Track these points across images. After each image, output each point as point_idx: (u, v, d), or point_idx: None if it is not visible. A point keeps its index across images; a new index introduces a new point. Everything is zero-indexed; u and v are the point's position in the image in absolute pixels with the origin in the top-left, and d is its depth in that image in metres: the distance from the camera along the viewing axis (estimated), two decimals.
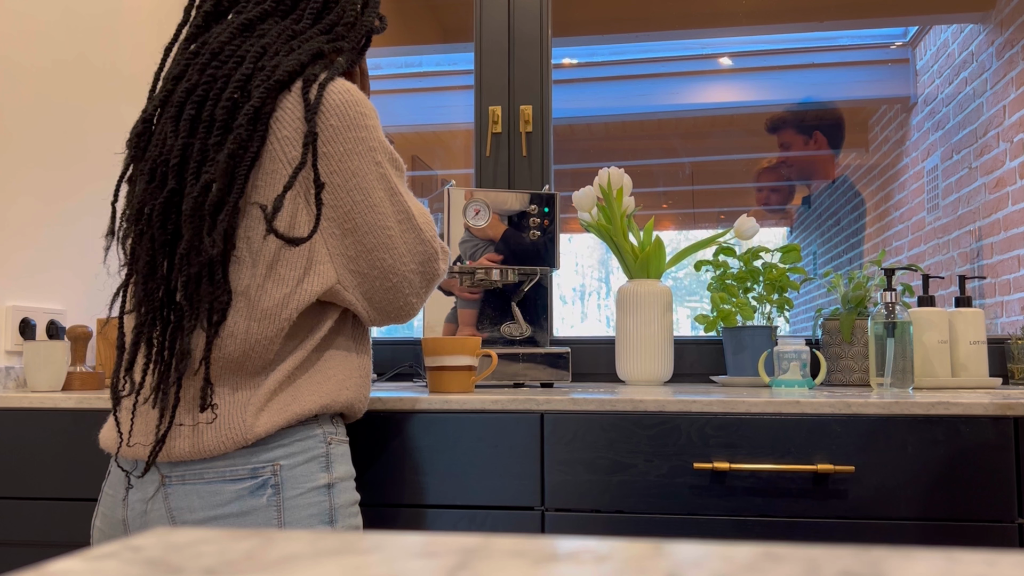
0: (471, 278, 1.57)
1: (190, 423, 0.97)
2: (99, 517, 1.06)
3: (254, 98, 0.94)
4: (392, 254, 1.00)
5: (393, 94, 3.09)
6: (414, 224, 1.02)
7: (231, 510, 0.97)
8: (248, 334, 0.96)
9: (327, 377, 1.04)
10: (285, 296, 0.97)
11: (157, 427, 0.95)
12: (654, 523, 1.23)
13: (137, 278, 0.97)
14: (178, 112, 0.96)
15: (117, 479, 1.04)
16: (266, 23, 1.01)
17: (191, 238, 0.92)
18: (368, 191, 0.99)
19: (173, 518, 0.97)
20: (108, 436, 1.05)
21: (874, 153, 3.16)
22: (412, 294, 1.04)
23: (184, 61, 1.00)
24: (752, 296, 1.73)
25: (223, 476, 0.97)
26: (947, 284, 2.43)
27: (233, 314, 0.96)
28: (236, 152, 0.93)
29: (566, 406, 1.26)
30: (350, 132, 0.98)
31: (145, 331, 0.96)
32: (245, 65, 0.97)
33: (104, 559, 0.32)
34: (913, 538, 1.19)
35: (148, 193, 0.96)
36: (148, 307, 0.96)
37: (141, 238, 0.96)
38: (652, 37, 2.83)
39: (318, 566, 0.30)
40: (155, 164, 0.96)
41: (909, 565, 0.30)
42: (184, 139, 0.94)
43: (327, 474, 1.03)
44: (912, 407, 1.21)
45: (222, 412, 0.97)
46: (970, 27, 2.49)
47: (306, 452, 1.02)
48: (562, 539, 0.34)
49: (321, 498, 1.02)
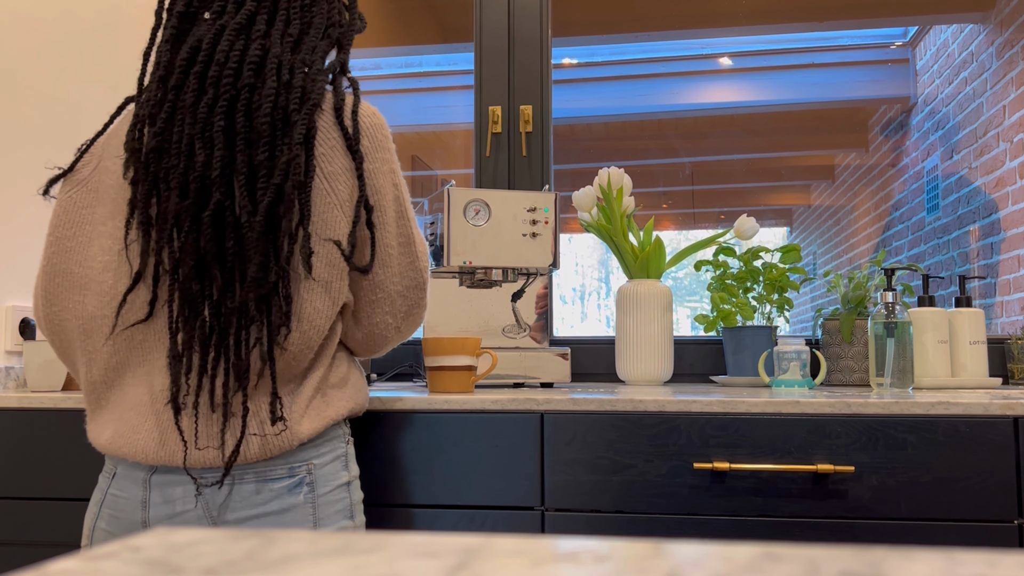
0: (471, 278, 1.57)
1: (259, 433, 1.00)
2: (104, 519, 1.04)
3: (299, 123, 0.97)
4: (386, 271, 1.05)
5: (393, 94, 3.09)
6: (413, 250, 1.07)
7: (272, 508, 1.01)
8: (293, 344, 1.00)
9: (349, 382, 1.10)
10: (322, 303, 1.01)
11: (221, 433, 0.98)
12: (654, 523, 1.23)
13: (177, 287, 0.97)
14: (204, 125, 0.96)
15: (131, 481, 1.03)
16: (256, 26, 1.01)
17: (262, 260, 0.94)
18: (384, 208, 1.04)
19: (213, 518, 1.00)
20: (120, 438, 1.03)
21: (874, 153, 3.16)
22: (391, 314, 1.07)
23: (179, 67, 0.99)
24: (752, 296, 1.73)
25: (263, 476, 1.01)
26: (947, 284, 2.43)
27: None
28: (294, 176, 0.95)
29: (566, 406, 1.26)
30: (378, 153, 1.04)
31: (198, 340, 0.97)
32: (268, 79, 0.97)
33: (104, 559, 0.32)
34: (913, 538, 1.19)
35: (183, 207, 0.95)
36: (196, 316, 0.97)
37: (183, 249, 0.96)
38: (652, 37, 2.83)
39: (318, 566, 0.30)
40: (184, 177, 0.96)
41: (909, 565, 0.30)
42: (221, 151, 0.95)
43: (347, 472, 1.09)
44: (912, 407, 1.21)
45: (266, 419, 1.00)
46: (970, 27, 2.49)
47: (333, 451, 1.07)
48: (562, 539, 0.34)
49: (344, 495, 1.07)
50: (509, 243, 1.52)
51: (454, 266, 1.51)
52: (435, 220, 1.55)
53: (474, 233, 1.51)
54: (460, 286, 1.61)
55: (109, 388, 1.05)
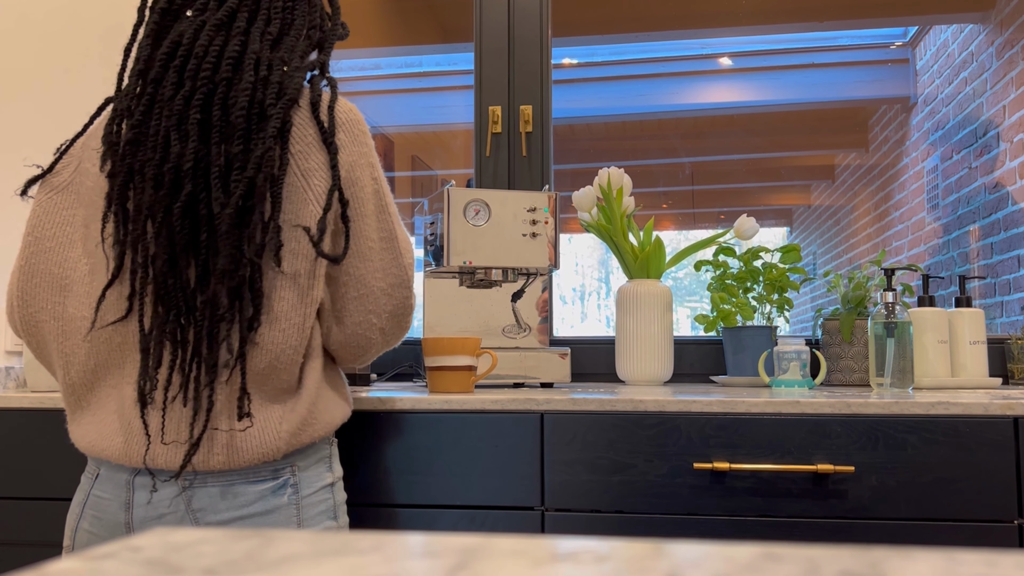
0: (471, 278, 1.57)
1: (225, 428, 0.99)
2: (87, 520, 1.04)
3: (274, 116, 0.97)
4: (367, 265, 1.03)
5: (393, 94, 3.09)
6: (395, 247, 1.06)
7: (256, 509, 1.01)
8: (273, 343, 0.99)
9: (339, 391, 1.11)
10: (294, 298, 1.00)
11: (190, 428, 0.96)
12: (654, 523, 1.23)
13: (152, 280, 0.97)
14: (180, 117, 0.96)
15: (114, 482, 1.02)
16: (237, 23, 1.01)
17: (232, 252, 0.94)
18: (363, 200, 1.03)
19: (196, 519, 0.99)
20: (103, 440, 1.02)
21: (874, 153, 3.16)
22: (374, 313, 1.05)
23: (159, 61, 0.99)
24: (752, 296, 1.73)
25: (247, 479, 1.01)
26: (947, 284, 2.43)
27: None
28: (266, 169, 0.95)
29: (566, 406, 1.26)
30: (356, 147, 1.04)
31: (168, 333, 0.96)
32: (246, 73, 0.97)
33: (104, 559, 0.32)
34: (913, 538, 1.19)
35: (157, 199, 0.95)
36: (170, 309, 0.96)
37: (156, 242, 0.96)
38: (652, 37, 2.83)
39: (318, 566, 0.30)
40: (159, 169, 0.96)
41: (909, 565, 0.30)
42: (195, 144, 0.95)
43: (331, 473, 1.09)
44: (912, 407, 1.21)
45: (256, 426, 0.99)
46: (970, 27, 2.49)
47: (316, 453, 1.07)
48: (562, 539, 0.34)
49: (328, 496, 1.07)
50: (509, 243, 1.52)
51: (454, 266, 1.51)
52: (435, 220, 1.55)
53: (474, 233, 1.51)
54: (460, 286, 1.61)
55: (89, 390, 1.04)
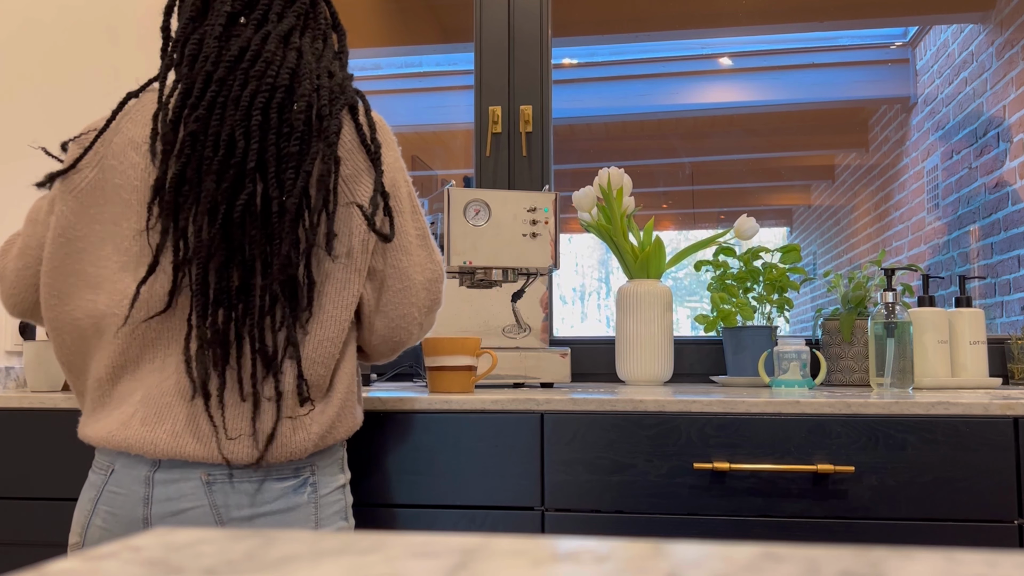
0: (471, 278, 1.57)
1: (288, 415, 1.02)
2: (100, 516, 1.04)
3: (333, 119, 1.04)
4: (409, 259, 1.10)
5: (393, 94, 3.09)
6: (428, 243, 1.13)
7: (277, 507, 1.03)
8: (314, 334, 1.03)
9: (359, 397, 1.14)
10: (335, 292, 1.05)
11: (252, 422, 0.99)
12: (654, 523, 1.23)
13: (198, 274, 1.00)
14: (245, 116, 1.01)
15: (132, 478, 1.02)
16: (293, 37, 1.10)
17: (291, 245, 0.99)
18: (400, 199, 1.10)
19: (220, 515, 1.01)
20: (138, 435, 1.02)
21: (874, 153, 3.16)
22: (415, 306, 1.11)
23: (226, 63, 1.05)
24: (752, 296, 1.73)
25: (269, 476, 1.03)
26: (947, 284, 2.44)
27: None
28: (324, 164, 1.03)
29: (566, 406, 1.26)
30: (390, 151, 1.11)
31: (221, 326, 0.99)
32: (304, 80, 1.04)
33: (104, 559, 0.32)
34: (913, 538, 1.19)
35: (219, 192, 1.00)
36: (221, 303, 1.00)
37: (210, 235, 1.00)
38: (652, 37, 2.83)
39: (318, 566, 0.30)
40: (224, 164, 1.01)
41: (909, 565, 0.30)
42: (257, 143, 1.01)
43: (343, 475, 1.12)
44: (912, 407, 1.21)
45: (289, 425, 1.02)
46: (970, 27, 2.49)
47: (333, 455, 1.10)
48: (562, 539, 0.34)
49: (340, 496, 1.10)
50: (509, 243, 1.52)
51: (454, 266, 1.51)
52: (435, 220, 1.55)
53: (474, 233, 1.51)
54: (460, 286, 1.61)
55: (115, 384, 1.05)
